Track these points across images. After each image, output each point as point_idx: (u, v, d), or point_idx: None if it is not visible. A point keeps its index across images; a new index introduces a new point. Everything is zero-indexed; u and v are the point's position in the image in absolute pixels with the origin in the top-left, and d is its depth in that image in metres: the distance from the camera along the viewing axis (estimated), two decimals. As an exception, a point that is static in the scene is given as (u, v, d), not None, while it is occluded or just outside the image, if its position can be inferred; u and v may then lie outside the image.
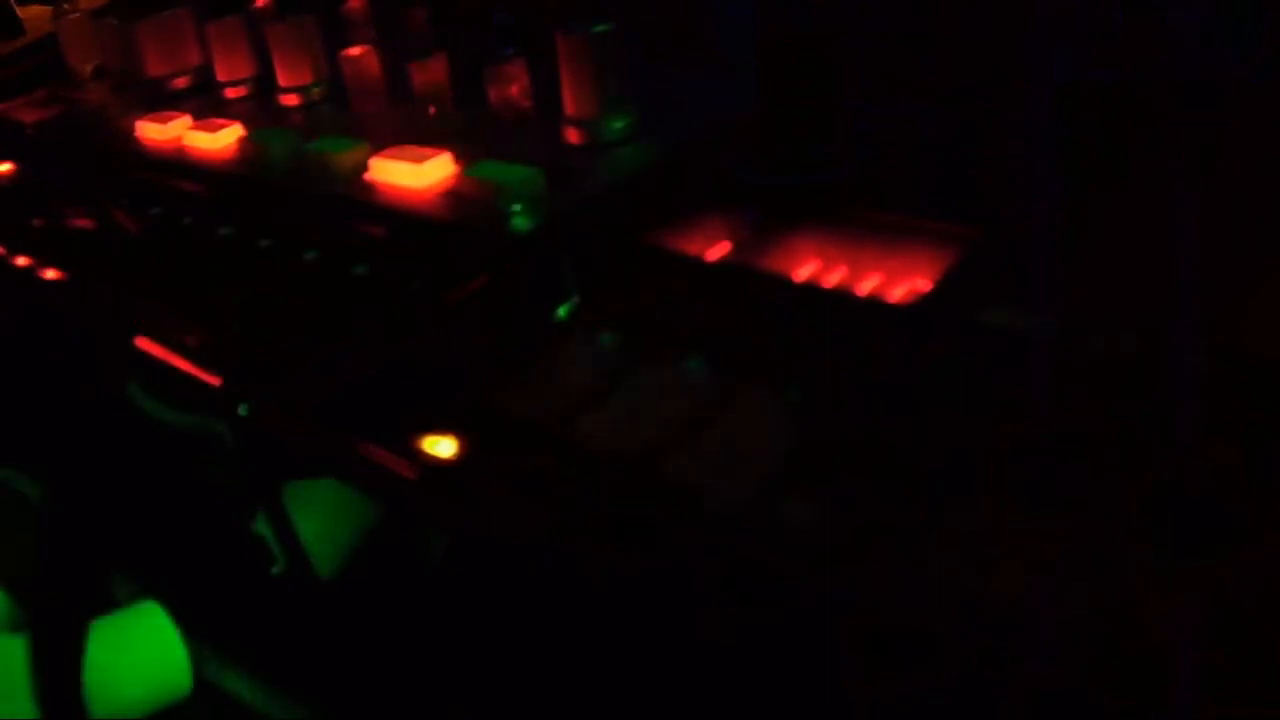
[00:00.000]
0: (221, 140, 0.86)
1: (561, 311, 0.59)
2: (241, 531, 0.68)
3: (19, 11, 1.29)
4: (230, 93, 0.96)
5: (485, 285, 0.63)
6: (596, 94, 0.71)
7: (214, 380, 0.61)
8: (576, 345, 0.55)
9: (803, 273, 0.57)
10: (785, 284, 0.57)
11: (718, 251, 0.61)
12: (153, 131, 0.90)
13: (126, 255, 0.81)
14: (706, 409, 0.49)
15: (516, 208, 0.65)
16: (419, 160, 0.71)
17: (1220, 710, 0.33)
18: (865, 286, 0.55)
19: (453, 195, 0.69)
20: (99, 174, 0.92)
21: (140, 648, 0.70)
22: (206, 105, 0.95)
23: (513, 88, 0.77)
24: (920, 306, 0.53)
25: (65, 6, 1.13)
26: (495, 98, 0.78)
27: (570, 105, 0.72)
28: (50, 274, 0.77)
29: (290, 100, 0.91)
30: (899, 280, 0.55)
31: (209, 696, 0.71)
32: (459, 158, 0.72)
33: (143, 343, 0.66)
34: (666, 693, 0.45)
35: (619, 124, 0.71)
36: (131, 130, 0.92)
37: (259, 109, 0.93)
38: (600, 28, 0.69)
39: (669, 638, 0.43)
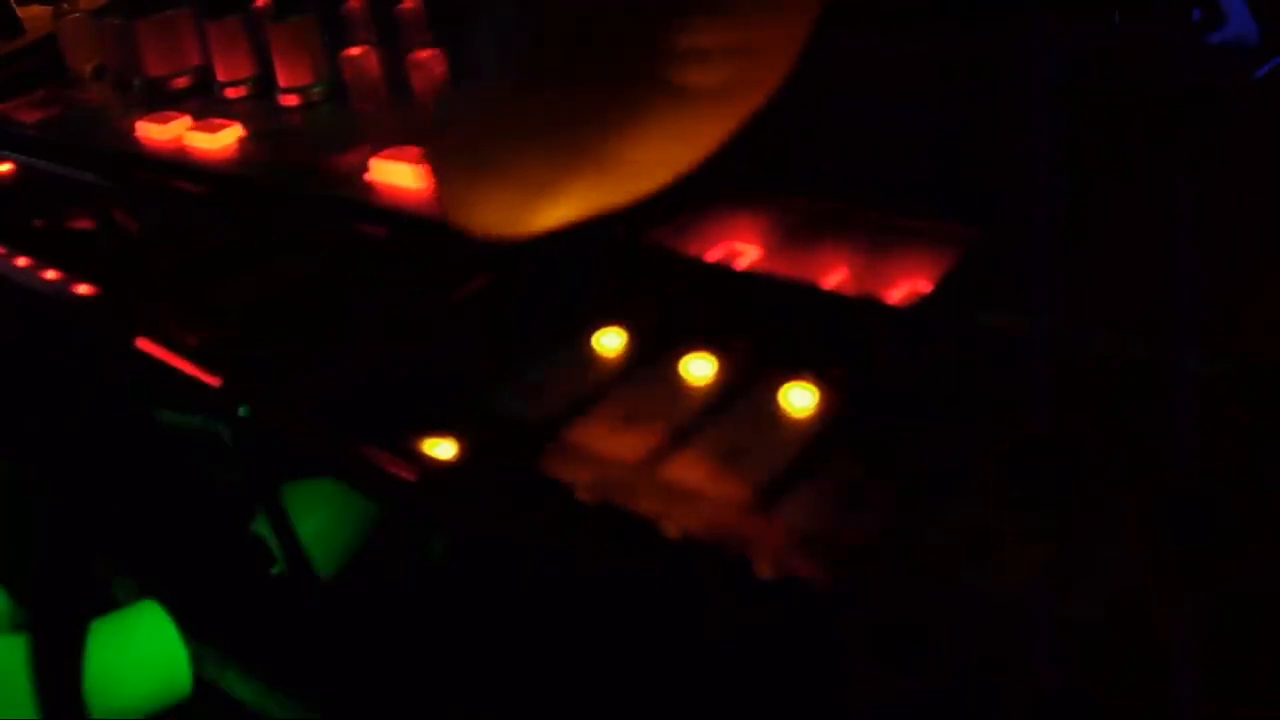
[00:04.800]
0: (221, 140, 0.86)
1: (561, 311, 0.59)
2: (241, 531, 0.68)
3: (19, 11, 1.28)
4: (230, 93, 0.95)
5: (485, 285, 0.63)
6: (596, 94, 0.71)
7: (214, 380, 0.61)
8: (577, 345, 0.55)
9: (803, 273, 0.57)
10: (785, 284, 0.57)
11: (718, 252, 0.61)
12: (153, 131, 0.90)
13: (126, 255, 0.81)
14: (707, 409, 0.49)
15: (516, 208, 0.65)
16: (419, 160, 0.71)
17: (1220, 710, 0.33)
18: (865, 287, 0.55)
19: (453, 195, 0.69)
20: (99, 174, 0.92)
21: (140, 648, 0.70)
22: (206, 105, 0.95)
23: (513, 88, 0.77)
24: (920, 308, 0.53)
25: (65, 6, 1.13)
26: (495, 98, 0.78)
27: (570, 105, 0.72)
28: (50, 274, 0.77)
29: (290, 100, 0.91)
30: (899, 281, 0.55)
31: (209, 696, 0.71)
32: (459, 158, 0.72)
33: (143, 343, 0.66)
34: (667, 693, 0.45)
35: (619, 124, 0.71)
36: (131, 130, 0.92)
37: (259, 109, 0.93)
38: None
39: (669, 638, 0.43)
